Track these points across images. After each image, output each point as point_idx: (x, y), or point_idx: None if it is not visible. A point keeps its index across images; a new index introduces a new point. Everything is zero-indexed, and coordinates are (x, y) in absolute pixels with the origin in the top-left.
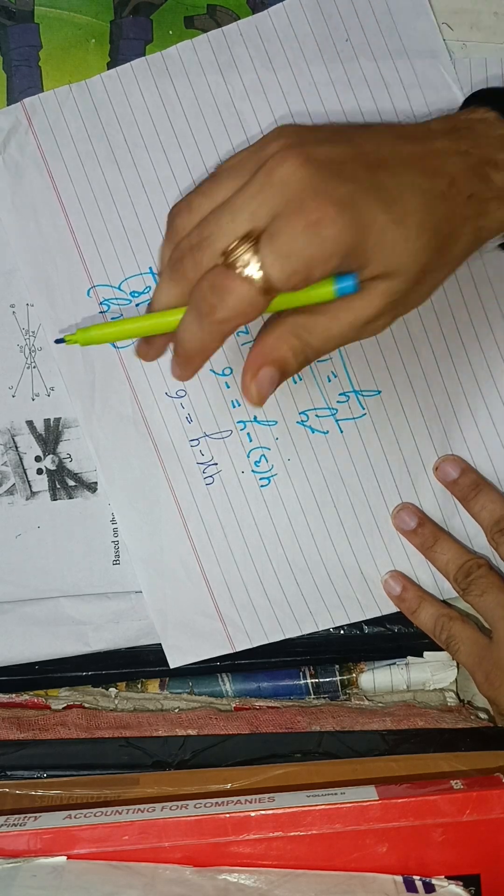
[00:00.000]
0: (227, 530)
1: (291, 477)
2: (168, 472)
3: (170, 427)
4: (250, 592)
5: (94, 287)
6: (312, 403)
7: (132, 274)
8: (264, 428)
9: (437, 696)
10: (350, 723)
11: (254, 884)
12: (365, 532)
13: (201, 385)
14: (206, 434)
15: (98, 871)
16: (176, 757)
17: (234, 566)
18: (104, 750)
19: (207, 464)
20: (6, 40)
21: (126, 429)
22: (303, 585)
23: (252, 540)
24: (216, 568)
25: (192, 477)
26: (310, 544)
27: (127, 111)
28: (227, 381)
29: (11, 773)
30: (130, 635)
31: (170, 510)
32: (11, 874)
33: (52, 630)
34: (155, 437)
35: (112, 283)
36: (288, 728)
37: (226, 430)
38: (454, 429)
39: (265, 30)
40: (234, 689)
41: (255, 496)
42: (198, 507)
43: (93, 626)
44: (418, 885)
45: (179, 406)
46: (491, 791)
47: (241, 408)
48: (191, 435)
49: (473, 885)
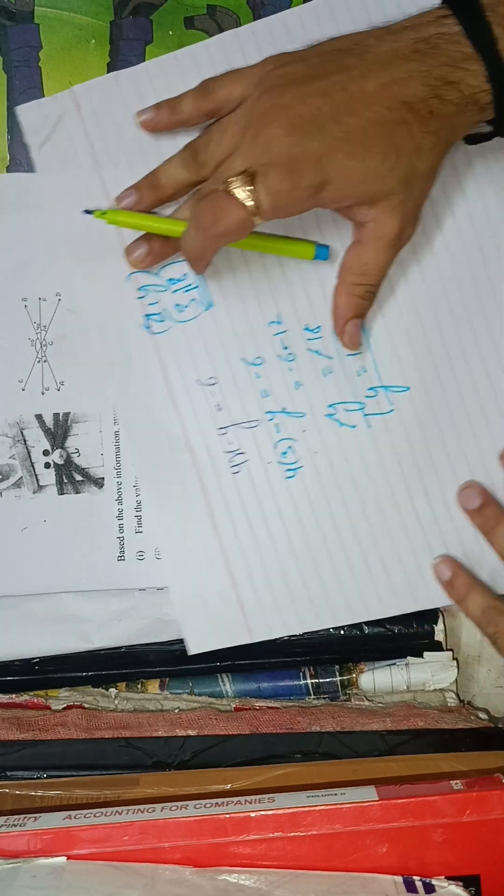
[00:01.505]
0: (252, 520)
1: (318, 469)
2: (196, 459)
3: (199, 414)
4: (272, 583)
5: (133, 273)
6: (341, 397)
7: (170, 261)
8: (292, 419)
9: (437, 696)
10: (350, 723)
11: (254, 884)
12: (390, 528)
13: (232, 374)
14: (235, 423)
15: (98, 872)
16: (176, 757)
17: (257, 556)
18: (104, 750)
19: (235, 453)
20: (6, 41)
21: (157, 414)
22: (325, 580)
23: (276, 531)
24: (239, 557)
25: (219, 465)
26: (333, 538)
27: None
28: (258, 371)
29: (11, 774)
30: (132, 634)
31: (196, 497)
32: (11, 874)
33: (55, 627)
34: (185, 423)
35: (151, 271)
36: (288, 728)
37: (254, 420)
38: (483, 430)
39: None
40: (234, 689)
41: (280, 487)
42: (224, 496)
43: (95, 623)
44: (418, 885)
45: (209, 394)
46: (491, 791)
47: (270, 398)
48: (220, 423)
49: (473, 885)
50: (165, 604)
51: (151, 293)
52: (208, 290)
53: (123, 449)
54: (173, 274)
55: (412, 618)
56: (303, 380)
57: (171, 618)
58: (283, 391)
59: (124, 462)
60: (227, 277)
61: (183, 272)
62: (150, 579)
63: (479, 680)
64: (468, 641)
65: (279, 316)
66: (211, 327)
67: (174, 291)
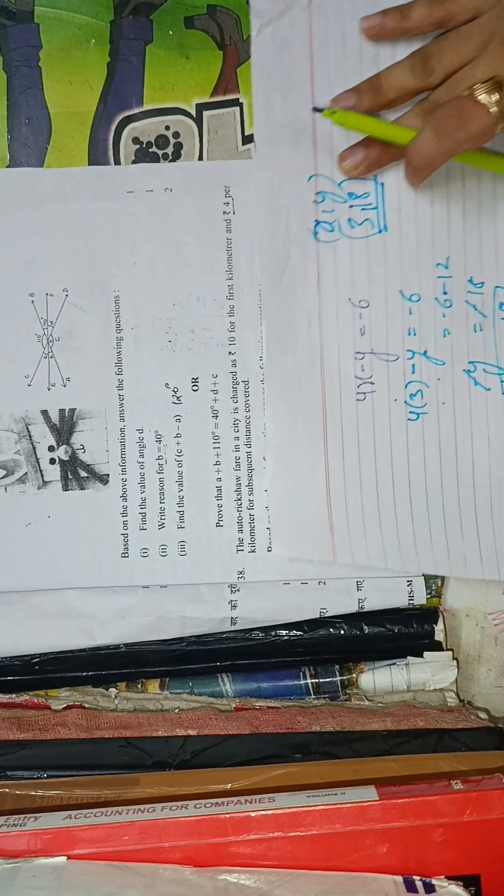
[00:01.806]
0: (362, 449)
1: (440, 420)
2: (325, 374)
3: (341, 333)
4: (365, 514)
5: (316, 176)
6: (484, 357)
7: (359, 176)
8: (430, 365)
9: (437, 696)
10: (350, 723)
11: (254, 884)
12: (494, 496)
13: (385, 303)
14: (374, 351)
15: (98, 872)
16: (176, 757)
17: (357, 485)
18: (104, 750)
19: (365, 381)
20: (6, 40)
21: (300, 321)
22: (417, 526)
23: (382, 466)
24: (340, 479)
25: (345, 387)
26: (436, 489)
27: None
28: (412, 308)
29: (11, 774)
30: (135, 631)
31: (315, 410)
32: (11, 874)
33: (58, 623)
34: (324, 337)
35: (334, 179)
36: (288, 728)
37: (393, 355)
38: None
39: None
40: (234, 689)
41: (399, 427)
42: (342, 418)
43: (99, 620)
44: (418, 885)
45: (357, 316)
46: (491, 791)
47: (415, 338)
48: (358, 348)
49: (473, 885)
50: (168, 601)
51: (328, 201)
52: (386, 214)
53: (129, 446)
54: (355, 189)
55: (412, 617)
56: (452, 329)
57: (174, 615)
58: (430, 335)
59: (129, 459)
60: (409, 208)
61: (365, 189)
62: (153, 577)
63: (479, 680)
64: (468, 641)
65: (448, 261)
66: (378, 251)
67: (350, 206)
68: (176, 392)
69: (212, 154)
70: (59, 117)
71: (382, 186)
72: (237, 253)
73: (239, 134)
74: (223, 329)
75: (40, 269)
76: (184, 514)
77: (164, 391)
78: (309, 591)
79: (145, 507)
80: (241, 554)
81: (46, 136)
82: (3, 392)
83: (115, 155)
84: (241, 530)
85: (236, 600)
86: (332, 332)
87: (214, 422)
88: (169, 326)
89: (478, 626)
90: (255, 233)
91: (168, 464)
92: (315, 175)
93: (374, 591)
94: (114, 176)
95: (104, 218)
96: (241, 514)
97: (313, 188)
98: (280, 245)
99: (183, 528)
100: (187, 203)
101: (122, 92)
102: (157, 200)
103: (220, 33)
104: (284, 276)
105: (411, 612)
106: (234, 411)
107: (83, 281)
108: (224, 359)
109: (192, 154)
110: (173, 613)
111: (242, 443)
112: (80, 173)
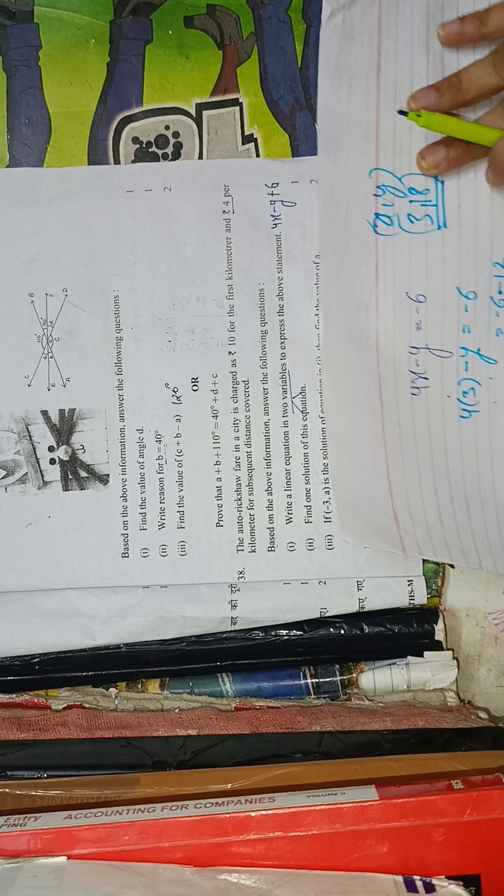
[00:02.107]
0: (419, 444)
1: (491, 420)
2: (381, 366)
3: (397, 326)
4: (426, 507)
5: (377, 169)
6: None
7: (418, 171)
8: (483, 363)
9: (437, 696)
10: (350, 723)
11: (254, 884)
12: None
13: (441, 299)
14: (428, 347)
15: (98, 871)
16: (176, 757)
17: (416, 478)
18: (104, 750)
19: (419, 375)
20: (6, 40)
21: (357, 311)
22: (474, 522)
23: (438, 461)
24: (400, 472)
25: (401, 380)
26: (489, 488)
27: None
28: (468, 305)
29: (12, 774)
30: (136, 631)
31: (373, 401)
32: (12, 874)
33: (59, 622)
34: (380, 329)
35: (395, 173)
36: (288, 728)
37: (447, 351)
38: None
39: None
40: (234, 689)
41: (452, 424)
42: (398, 411)
43: (99, 619)
44: (418, 884)
45: (414, 311)
46: (491, 791)
47: (469, 335)
48: (413, 342)
49: (473, 885)
50: (168, 601)
51: (388, 195)
52: (446, 211)
53: (129, 446)
54: (416, 184)
55: (412, 617)
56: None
57: (174, 615)
58: (485, 333)
59: (129, 459)
60: (468, 206)
61: (425, 186)
62: (153, 577)
63: (479, 679)
64: (468, 641)
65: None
66: (437, 247)
67: (411, 202)
68: (176, 392)
69: (212, 154)
70: (59, 117)
71: (443, 184)
72: (237, 252)
73: (239, 133)
74: (223, 329)
75: (40, 269)
76: (184, 514)
77: (164, 391)
78: (309, 591)
79: (145, 507)
80: (241, 554)
81: (46, 136)
82: (3, 392)
83: (115, 155)
84: (241, 530)
85: (236, 600)
86: (389, 325)
87: (214, 422)
88: (169, 326)
89: (478, 626)
90: (316, 222)
91: (168, 464)
92: (376, 169)
93: (374, 590)
94: (113, 175)
95: (104, 218)
96: (241, 514)
97: (374, 182)
98: (339, 236)
99: (183, 528)
100: (187, 202)
101: (122, 92)
102: (157, 200)
103: (219, 33)
104: (343, 267)
105: (412, 612)
106: (234, 411)
107: (83, 281)
108: (224, 358)
109: (192, 154)
110: (173, 613)
111: (242, 442)
112: (79, 173)
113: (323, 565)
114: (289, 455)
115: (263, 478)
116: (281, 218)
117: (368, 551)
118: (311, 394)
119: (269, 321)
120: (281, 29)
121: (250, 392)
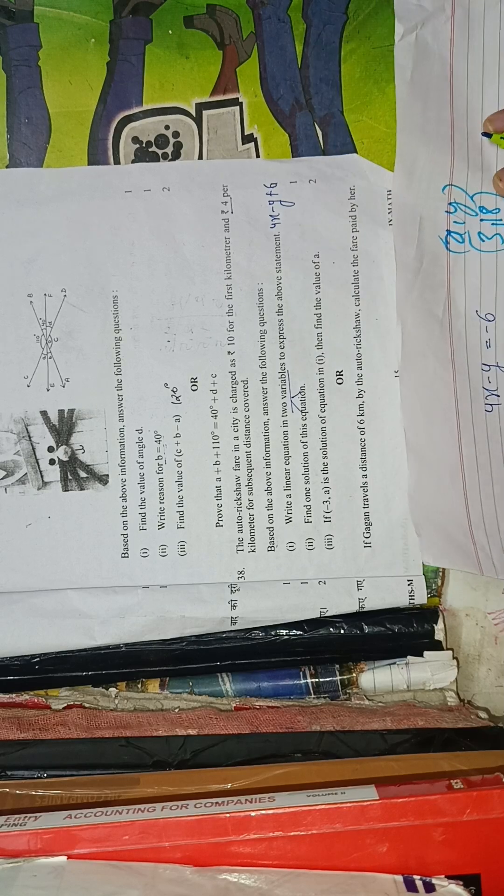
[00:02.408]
0: (493, 460)
1: None
2: (457, 382)
3: (469, 343)
4: (501, 528)
5: (451, 186)
6: None
7: (490, 190)
8: None
9: (437, 695)
10: (350, 722)
11: (254, 884)
12: None
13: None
14: (499, 365)
15: (98, 871)
16: (176, 757)
17: (491, 497)
18: (104, 750)
19: (491, 392)
20: (6, 40)
21: (432, 326)
22: None
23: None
24: (476, 490)
25: (475, 397)
26: None
27: None
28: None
29: (12, 773)
30: (136, 631)
31: (449, 416)
32: (12, 874)
33: (59, 622)
34: (454, 345)
35: (468, 190)
36: (288, 728)
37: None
38: None
39: None
40: (234, 688)
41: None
42: (473, 426)
43: (99, 619)
44: (419, 884)
45: (484, 329)
46: (491, 791)
47: None
48: (485, 360)
49: (473, 884)
50: (168, 601)
51: (460, 212)
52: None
53: (128, 446)
54: (487, 203)
55: (412, 617)
56: None
57: (174, 615)
58: None
59: (129, 459)
60: None
61: (496, 205)
62: (153, 577)
63: (479, 679)
64: (468, 641)
65: None
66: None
67: (482, 220)
68: (175, 392)
69: (211, 153)
70: (59, 117)
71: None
72: (235, 252)
73: (239, 133)
74: (222, 328)
75: (39, 269)
76: (183, 514)
77: (164, 391)
78: (309, 591)
79: (145, 508)
80: (241, 554)
81: (46, 136)
82: (3, 393)
83: (115, 155)
84: (241, 530)
85: (236, 600)
86: (461, 341)
87: (214, 421)
88: (168, 326)
89: (478, 626)
90: (392, 236)
91: (168, 464)
92: (450, 185)
93: (374, 590)
94: (111, 176)
95: (102, 218)
96: (241, 513)
97: (447, 198)
98: (413, 250)
99: (183, 528)
100: (185, 202)
101: (122, 91)
102: (155, 200)
103: (219, 33)
104: (417, 281)
105: (411, 612)
106: (234, 411)
107: (82, 281)
108: (223, 358)
109: (191, 153)
110: (173, 613)
111: (242, 442)
112: (79, 173)
113: (323, 565)
114: (288, 455)
115: (263, 477)
116: (279, 218)
117: (368, 551)
118: (311, 393)
119: (268, 321)
120: (281, 29)
121: (249, 392)
